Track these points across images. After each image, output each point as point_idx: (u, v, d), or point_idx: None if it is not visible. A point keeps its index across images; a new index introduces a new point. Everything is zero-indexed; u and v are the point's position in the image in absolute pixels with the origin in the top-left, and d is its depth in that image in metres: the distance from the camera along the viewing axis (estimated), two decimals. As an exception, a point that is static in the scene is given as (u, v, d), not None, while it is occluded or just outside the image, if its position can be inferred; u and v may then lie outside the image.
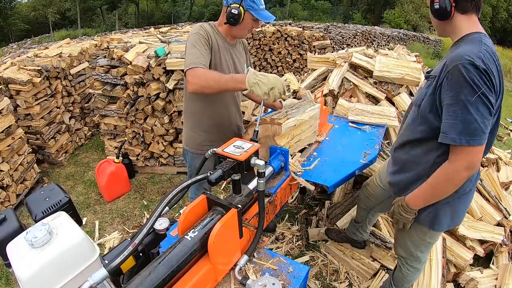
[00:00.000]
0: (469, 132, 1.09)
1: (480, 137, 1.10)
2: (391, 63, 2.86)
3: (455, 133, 1.11)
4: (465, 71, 1.06)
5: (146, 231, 0.86)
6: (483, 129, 1.09)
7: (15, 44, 15.38)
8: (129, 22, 33.37)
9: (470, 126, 1.08)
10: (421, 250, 1.55)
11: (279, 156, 1.45)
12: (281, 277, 1.03)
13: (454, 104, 1.10)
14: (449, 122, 1.13)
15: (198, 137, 1.82)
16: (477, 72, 1.06)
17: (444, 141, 1.15)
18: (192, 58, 1.51)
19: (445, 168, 1.20)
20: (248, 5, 1.58)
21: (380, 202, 1.80)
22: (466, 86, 1.07)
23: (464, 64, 1.07)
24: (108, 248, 2.58)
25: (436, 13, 1.19)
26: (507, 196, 2.54)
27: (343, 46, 9.23)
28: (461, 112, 1.09)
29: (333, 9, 38.13)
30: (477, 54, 1.07)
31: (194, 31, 1.61)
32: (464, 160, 1.14)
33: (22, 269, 0.73)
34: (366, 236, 2.15)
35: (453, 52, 1.16)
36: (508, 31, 31.24)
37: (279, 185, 1.38)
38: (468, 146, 1.11)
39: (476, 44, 1.12)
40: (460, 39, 1.20)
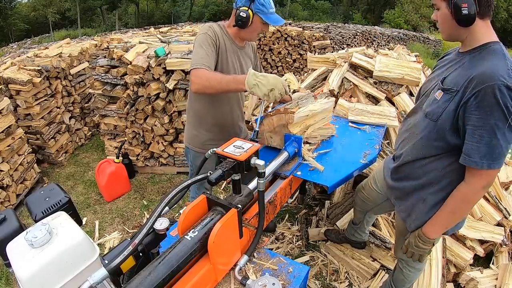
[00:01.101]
0: (493, 157, 1.07)
1: (500, 161, 1.08)
2: (391, 63, 2.86)
3: (478, 157, 1.09)
4: (499, 94, 1.01)
5: (146, 231, 0.86)
6: (504, 153, 1.08)
7: (15, 44, 15.38)
8: (129, 22, 33.37)
9: (495, 151, 1.06)
10: None
11: (293, 142, 1.57)
12: (281, 277, 1.03)
13: (481, 126, 1.06)
14: (474, 145, 1.09)
15: (201, 136, 1.82)
16: (510, 94, 1.02)
17: (466, 164, 1.13)
18: (197, 58, 1.52)
19: (463, 190, 1.17)
20: (257, 9, 1.58)
21: (376, 205, 1.79)
22: (497, 110, 1.03)
23: (499, 86, 1.01)
24: (108, 248, 2.58)
25: (461, 19, 1.08)
26: (507, 196, 2.54)
27: (343, 46, 9.23)
28: (488, 137, 1.06)
29: (333, 9, 38.13)
30: (508, 72, 1.03)
31: (203, 31, 1.61)
32: (481, 181, 1.13)
33: (22, 269, 0.73)
34: (365, 237, 2.15)
35: (476, 66, 1.10)
36: (508, 31, 31.23)
37: (293, 168, 1.51)
38: (488, 170, 1.09)
39: (502, 58, 1.07)
40: (478, 48, 1.13)
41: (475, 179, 1.14)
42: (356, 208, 1.98)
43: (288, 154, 1.51)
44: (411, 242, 1.36)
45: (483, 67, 1.07)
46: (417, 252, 1.35)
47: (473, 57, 1.14)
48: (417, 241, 1.32)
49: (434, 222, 1.28)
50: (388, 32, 13.81)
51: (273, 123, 1.61)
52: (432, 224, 1.29)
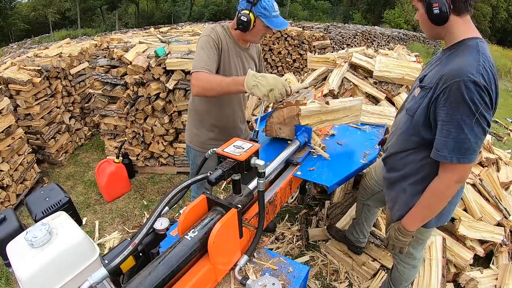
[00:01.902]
0: (462, 152, 1.09)
1: (470, 156, 1.10)
2: (391, 63, 2.86)
3: (447, 151, 1.11)
4: (465, 90, 1.03)
5: (146, 231, 0.86)
6: (474, 148, 1.09)
7: (15, 44, 15.39)
8: (129, 22, 33.40)
9: (463, 145, 1.08)
10: (413, 246, 1.56)
11: (304, 132, 1.68)
12: (281, 277, 1.03)
13: (449, 122, 1.09)
14: (442, 140, 1.12)
15: (202, 136, 1.83)
16: (477, 90, 1.03)
17: (436, 158, 1.16)
18: (199, 61, 1.52)
19: (436, 184, 1.20)
20: (259, 12, 1.55)
21: (373, 194, 1.83)
22: (463, 105, 1.05)
23: (465, 82, 1.03)
24: (108, 248, 2.58)
25: (434, 18, 1.12)
26: (507, 196, 2.54)
27: (343, 46, 9.23)
28: (455, 131, 1.08)
29: (333, 9, 38.15)
30: (477, 68, 1.04)
31: (206, 32, 1.60)
32: (453, 176, 1.15)
33: (22, 269, 0.73)
34: (363, 240, 2.13)
35: (450, 62, 1.12)
36: (508, 31, 31.23)
37: (304, 156, 1.64)
38: (459, 164, 1.11)
39: (474, 54, 1.08)
40: (455, 45, 1.16)
41: (447, 173, 1.16)
42: (357, 198, 2.01)
43: (299, 143, 1.63)
44: (391, 235, 1.40)
45: (454, 64, 1.10)
46: (397, 245, 1.38)
47: (450, 54, 1.17)
48: (397, 233, 1.36)
49: (411, 215, 1.32)
50: (388, 32, 13.81)
51: (283, 115, 1.68)
52: (410, 217, 1.33)
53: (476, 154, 1.11)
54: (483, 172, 2.56)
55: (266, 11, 1.55)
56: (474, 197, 2.36)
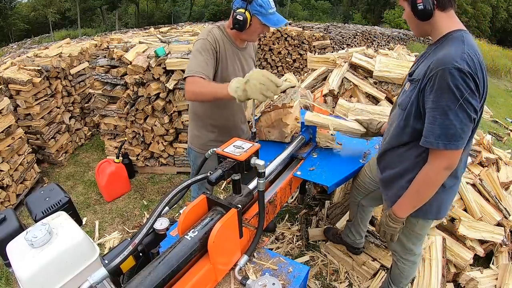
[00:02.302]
0: (448, 137, 1.11)
1: (457, 142, 1.12)
2: (391, 63, 2.86)
3: (433, 137, 1.13)
4: (449, 77, 1.06)
5: (146, 231, 0.86)
6: (461, 135, 1.11)
7: (15, 44, 15.38)
8: (129, 22, 33.39)
9: (449, 131, 1.10)
10: (413, 242, 1.56)
11: (308, 129, 1.79)
12: (281, 277, 1.03)
13: (434, 108, 1.12)
14: (428, 126, 1.15)
15: (203, 137, 1.82)
16: (461, 76, 1.05)
17: (423, 145, 1.18)
18: (194, 65, 1.50)
19: (425, 171, 1.22)
20: (255, 10, 1.52)
21: (368, 193, 1.81)
22: (448, 91, 1.07)
23: (449, 69, 1.06)
24: (108, 248, 2.58)
25: (419, 14, 1.16)
26: (507, 196, 2.54)
27: (343, 46, 9.22)
28: (440, 118, 1.10)
29: (333, 9, 38.15)
30: (461, 56, 1.06)
31: (203, 35, 1.59)
32: (442, 162, 1.17)
33: (22, 269, 0.73)
34: (360, 241, 2.11)
35: (436, 54, 1.15)
36: (508, 31, 31.21)
37: (309, 151, 1.72)
38: (446, 150, 1.13)
39: (459, 44, 1.11)
40: (441, 39, 1.19)
41: (436, 160, 1.18)
42: (350, 200, 1.99)
43: (304, 138, 1.74)
44: (383, 221, 1.41)
45: (439, 54, 1.12)
46: (388, 231, 1.40)
47: (436, 47, 1.20)
48: (388, 220, 1.38)
49: (401, 201, 1.33)
50: (388, 32, 13.81)
51: (271, 118, 1.71)
52: (400, 204, 1.34)
53: (463, 140, 1.13)
54: (483, 172, 2.56)
55: (263, 8, 1.51)
56: (474, 197, 2.36)
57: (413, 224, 1.47)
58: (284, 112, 1.64)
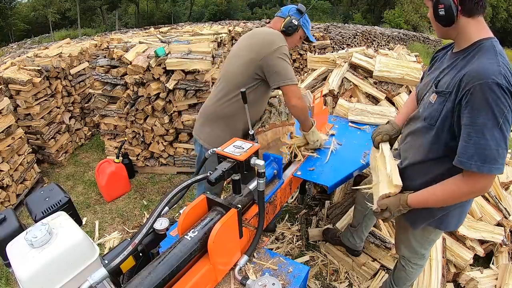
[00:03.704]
0: (481, 158, 1.03)
1: (492, 165, 1.02)
2: (391, 63, 2.86)
3: (466, 157, 1.05)
4: (488, 92, 0.98)
5: (146, 231, 0.86)
6: (496, 157, 1.02)
7: (15, 44, 15.37)
8: (129, 22, 33.38)
9: (484, 152, 1.01)
10: (425, 248, 1.55)
11: (272, 163, 1.40)
12: (281, 277, 1.03)
13: (470, 125, 1.03)
14: (462, 145, 1.07)
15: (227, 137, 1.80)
16: (501, 92, 0.98)
17: (456, 164, 1.10)
18: (292, 74, 1.58)
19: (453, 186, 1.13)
20: (303, 22, 1.69)
21: None
22: (486, 108, 0.99)
23: (488, 84, 0.98)
24: (108, 248, 2.58)
25: (440, 19, 1.10)
26: (507, 196, 2.54)
27: (343, 46, 9.22)
28: (476, 136, 1.02)
29: (333, 9, 38.12)
30: (498, 70, 0.99)
31: (283, 42, 1.61)
32: (474, 186, 1.08)
33: (22, 269, 0.73)
34: (360, 245, 2.10)
35: (468, 65, 1.08)
36: (508, 31, 31.22)
37: (271, 194, 1.34)
38: (478, 173, 1.04)
39: (492, 55, 1.04)
40: (470, 48, 1.12)
41: (468, 182, 1.09)
42: (356, 208, 1.96)
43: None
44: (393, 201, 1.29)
45: (473, 66, 1.05)
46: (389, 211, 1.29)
47: (464, 57, 1.13)
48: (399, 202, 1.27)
49: (419, 196, 1.24)
50: (388, 32, 13.81)
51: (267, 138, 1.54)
52: (417, 197, 1.24)
53: (499, 164, 1.03)
54: (483, 172, 2.56)
55: (308, 23, 1.70)
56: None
57: (430, 232, 1.44)
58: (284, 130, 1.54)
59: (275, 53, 1.56)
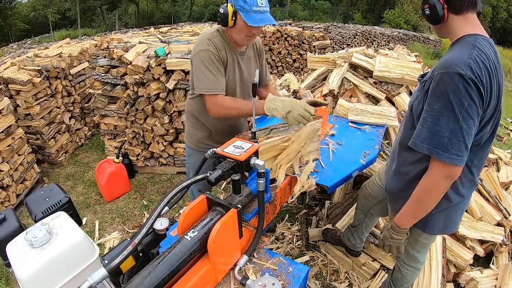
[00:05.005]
0: (433, 143, 1.06)
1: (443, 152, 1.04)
2: (391, 63, 2.86)
3: (419, 140, 1.10)
4: (448, 82, 1.01)
5: (146, 231, 0.86)
6: (447, 146, 1.04)
7: (15, 44, 15.38)
8: (129, 22, 33.38)
9: (436, 137, 1.05)
10: (418, 251, 1.55)
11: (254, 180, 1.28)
12: (281, 277, 1.03)
13: (427, 111, 1.08)
14: (418, 128, 1.11)
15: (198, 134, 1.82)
16: (462, 84, 0.99)
17: (410, 145, 1.14)
18: (208, 82, 1.48)
19: (425, 180, 1.17)
20: (238, 5, 1.40)
21: (378, 202, 1.79)
22: (444, 97, 1.02)
23: (450, 74, 1.01)
24: (108, 248, 2.58)
25: (428, 19, 1.14)
26: (507, 196, 2.54)
27: (343, 46, 9.24)
28: (431, 121, 1.06)
29: (333, 9, 38.12)
30: (467, 61, 1.00)
31: (203, 46, 1.49)
32: (441, 172, 1.10)
33: (22, 269, 0.73)
34: (360, 245, 2.10)
35: (444, 57, 1.12)
36: (508, 31, 31.22)
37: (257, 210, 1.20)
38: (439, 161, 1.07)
39: (467, 48, 1.05)
40: (455, 42, 1.14)
41: (434, 168, 1.12)
42: (357, 208, 1.97)
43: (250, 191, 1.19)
44: (386, 235, 1.35)
45: (445, 58, 1.09)
46: (393, 244, 1.34)
47: (448, 51, 1.17)
48: (391, 233, 1.32)
49: (403, 211, 1.27)
50: (388, 32, 13.82)
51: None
52: (402, 214, 1.28)
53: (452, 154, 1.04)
54: (483, 172, 2.56)
55: (246, 4, 1.37)
56: (474, 197, 2.36)
57: (419, 234, 1.44)
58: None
59: (194, 57, 1.52)
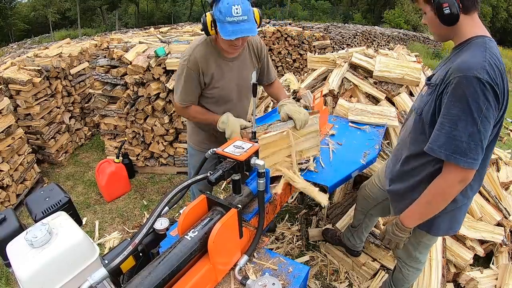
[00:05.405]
0: (451, 148, 1.05)
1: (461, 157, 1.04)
2: (391, 63, 2.86)
3: (436, 145, 1.09)
4: (466, 86, 1.00)
5: (146, 231, 0.86)
6: (466, 150, 1.04)
7: (15, 44, 15.37)
8: (129, 22, 33.35)
9: (454, 142, 1.05)
10: (419, 251, 1.54)
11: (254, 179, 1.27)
12: (281, 277, 1.03)
13: (445, 115, 1.06)
14: (435, 133, 1.10)
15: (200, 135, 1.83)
16: (480, 87, 0.99)
17: (427, 151, 1.13)
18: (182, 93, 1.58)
19: (438, 183, 1.16)
20: (216, 15, 1.36)
21: (378, 203, 1.78)
22: (462, 101, 1.01)
23: (468, 78, 1.00)
24: (108, 248, 2.58)
25: (445, 19, 1.09)
26: (507, 196, 2.54)
27: (343, 46, 9.24)
28: (449, 126, 1.05)
29: (333, 9, 38.11)
30: (483, 65, 1.00)
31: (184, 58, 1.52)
32: (456, 175, 1.10)
33: (22, 269, 0.73)
34: (360, 245, 2.10)
35: (456, 59, 1.09)
36: (508, 31, 31.22)
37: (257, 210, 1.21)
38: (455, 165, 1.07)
39: (480, 50, 1.05)
40: (463, 43, 1.13)
41: (450, 172, 1.11)
42: (357, 209, 1.96)
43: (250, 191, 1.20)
44: (389, 229, 1.35)
45: (459, 59, 1.07)
46: (393, 240, 1.34)
47: (458, 52, 1.15)
48: (394, 229, 1.32)
49: (410, 211, 1.27)
50: (388, 32, 13.83)
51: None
52: (409, 213, 1.28)
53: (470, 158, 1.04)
54: (483, 172, 2.56)
55: (221, 14, 1.32)
56: (474, 197, 2.36)
57: (422, 235, 1.44)
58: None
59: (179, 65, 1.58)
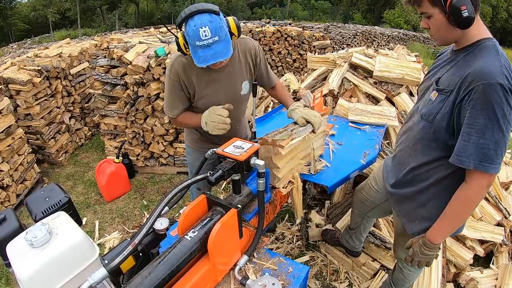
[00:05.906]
0: (479, 157, 1.04)
1: (489, 164, 1.04)
2: (391, 63, 2.86)
3: (465, 156, 1.06)
4: (491, 94, 0.99)
5: (146, 231, 0.86)
6: (493, 157, 1.04)
7: (15, 44, 15.37)
8: (129, 22, 33.37)
9: (482, 151, 1.03)
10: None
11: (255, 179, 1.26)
12: (281, 277, 1.03)
13: (471, 125, 1.04)
14: (461, 143, 1.07)
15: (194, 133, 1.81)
16: (503, 93, 0.99)
17: (453, 162, 1.10)
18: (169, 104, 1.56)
19: (464, 191, 1.13)
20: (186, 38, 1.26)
21: (375, 206, 1.75)
22: (488, 109, 1.00)
23: (492, 85, 0.99)
24: (108, 248, 2.58)
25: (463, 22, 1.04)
26: (507, 196, 2.54)
27: (343, 46, 9.23)
28: (476, 136, 1.03)
29: (333, 9, 38.14)
30: (501, 70, 1.00)
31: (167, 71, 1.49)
32: (482, 181, 1.09)
33: (22, 269, 0.73)
34: (359, 246, 2.09)
35: (470, 64, 1.07)
36: (508, 31, 31.25)
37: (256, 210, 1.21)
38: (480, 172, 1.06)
39: (495, 55, 1.04)
40: (472, 46, 1.11)
41: (475, 179, 1.10)
42: (354, 211, 1.94)
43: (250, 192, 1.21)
44: (417, 251, 1.29)
45: (477, 65, 1.05)
46: (424, 260, 1.30)
47: (467, 55, 1.12)
48: (423, 249, 1.27)
49: (438, 227, 1.23)
50: (388, 32, 13.83)
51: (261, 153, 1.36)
52: (436, 229, 1.23)
53: (496, 163, 1.05)
54: (483, 172, 2.56)
55: (190, 38, 1.22)
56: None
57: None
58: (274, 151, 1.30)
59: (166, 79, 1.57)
